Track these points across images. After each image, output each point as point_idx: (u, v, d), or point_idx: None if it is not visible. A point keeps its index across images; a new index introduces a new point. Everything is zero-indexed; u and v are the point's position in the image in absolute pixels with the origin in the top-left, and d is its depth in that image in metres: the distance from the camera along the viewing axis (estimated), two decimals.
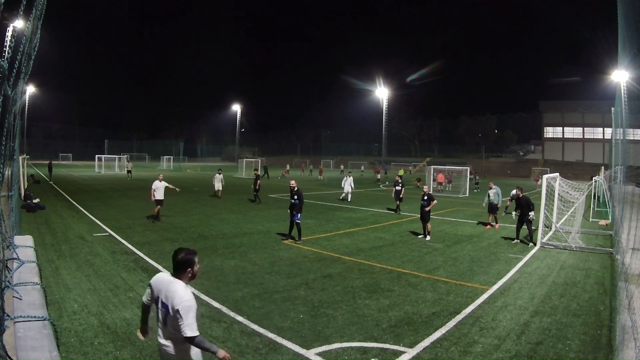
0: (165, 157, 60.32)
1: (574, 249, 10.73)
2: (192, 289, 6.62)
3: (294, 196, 10.94)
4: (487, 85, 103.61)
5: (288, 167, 49.47)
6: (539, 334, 5.48)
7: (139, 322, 3.50)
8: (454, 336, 5.34)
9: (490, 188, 14.71)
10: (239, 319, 5.70)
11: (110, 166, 46.29)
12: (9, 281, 3.19)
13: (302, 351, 4.83)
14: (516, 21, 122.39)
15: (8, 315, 2.68)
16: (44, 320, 2.82)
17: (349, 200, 20.92)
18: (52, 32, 43.54)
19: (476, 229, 14.02)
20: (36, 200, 15.52)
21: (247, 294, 6.76)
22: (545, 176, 11.89)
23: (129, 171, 35.84)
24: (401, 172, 37.33)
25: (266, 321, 5.63)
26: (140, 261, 8.55)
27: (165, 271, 3.20)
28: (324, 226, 13.58)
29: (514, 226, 11.93)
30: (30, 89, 52.65)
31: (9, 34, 14.05)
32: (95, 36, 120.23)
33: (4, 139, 2.71)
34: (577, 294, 7.24)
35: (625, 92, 9.08)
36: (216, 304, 6.20)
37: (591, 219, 16.23)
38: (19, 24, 11.80)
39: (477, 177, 33.19)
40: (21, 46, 3.16)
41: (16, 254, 4.03)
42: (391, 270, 8.45)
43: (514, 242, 11.50)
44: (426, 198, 11.90)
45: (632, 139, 9.76)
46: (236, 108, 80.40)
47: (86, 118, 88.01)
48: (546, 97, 70.22)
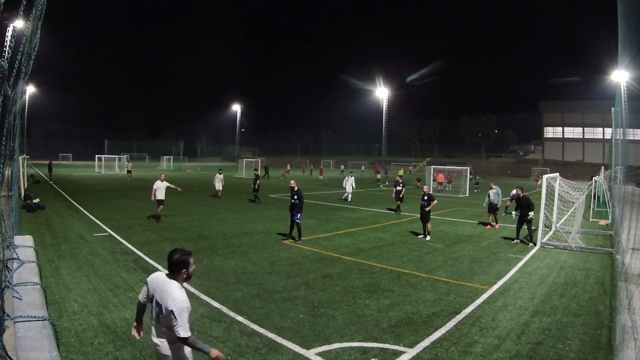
0: (165, 157, 60.33)
1: (574, 249, 10.74)
2: (192, 289, 6.65)
3: (294, 196, 10.95)
4: (487, 85, 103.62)
5: (289, 167, 49.51)
6: (539, 334, 5.48)
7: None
8: (454, 336, 5.34)
9: (491, 188, 14.72)
10: (239, 319, 5.70)
11: (110, 166, 46.28)
12: (9, 281, 3.20)
13: (302, 351, 4.83)
14: (516, 21, 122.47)
15: (8, 315, 2.68)
16: (44, 320, 2.82)
17: (348, 200, 20.95)
18: (52, 32, 43.55)
19: (476, 229, 14.02)
20: (36, 200, 15.52)
21: (247, 294, 6.76)
22: (545, 176, 11.89)
23: (129, 171, 35.86)
24: (401, 172, 37.38)
25: (266, 321, 5.63)
26: (140, 261, 8.55)
27: (165, 270, 3.21)
28: (324, 226, 13.59)
29: (514, 226, 11.94)
30: (30, 89, 52.68)
31: (9, 34, 14.05)
32: (95, 36, 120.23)
33: (4, 139, 2.71)
34: (577, 294, 7.24)
35: (625, 92, 9.08)
36: (216, 304, 6.20)
37: (591, 219, 16.24)
38: (19, 24, 11.82)
39: (477, 177, 33.21)
40: (21, 46, 3.16)
41: (16, 254, 4.04)
42: (391, 270, 8.46)
43: (514, 242, 11.51)
44: (426, 198, 11.91)
45: (632, 139, 9.77)
46: (236, 108, 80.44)
47: (86, 118, 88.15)
48: (546, 97, 70.34)
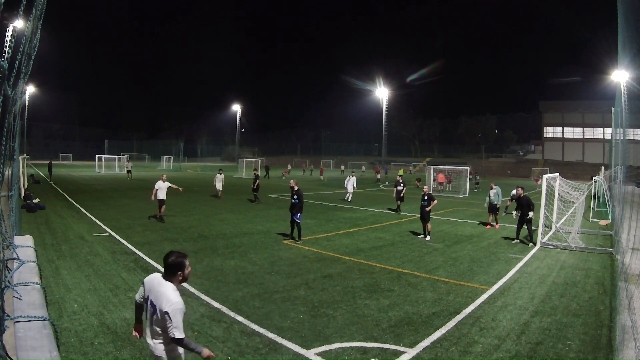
0: (165, 157, 60.33)
1: (574, 249, 10.73)
2: (192, 289, 6.65)
3: (294, 196, 10.95)
4: (487, 85, 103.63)
5: (289, 167, 49.49)
6: (539, 334, 5.48)
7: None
8: (454, 336, 5.34)
9: (492, 188, 14.72)
10: (239, 319, 5.70)
11: (110, 166, 46.28)
12: (9, 281, 3.20)
13: (302, 351, 4.83)
14: (516, 21, 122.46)
15: (8, 315, 2.68)
16: (44, 320, 2.82)
17: (349, 200, 20.96)
18: (52, 32, 43.53)
19: (476, 229, 14.02)
20: (36, 200, 15.52)
21: (247, 294, 6.76)
22: (545, 176, 11.88)
23: (129, 171, 35.86)
24: (401, 172, 37.37)
25: (266, 321, 5.63)
26: (140, 261, 8.55)
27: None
28: (324, 226, 13.59)
29: (514, 226, 11.94)
30: (30, 89, 52.62)
31: (9, 34, 14.05)
32: (95, 36, 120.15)
33: (4, 139, 2.71)
34: (577, 294, 7.24)
35: (625, 92, 9.08)
36: (216, 304, 6.20)
37: (591, 219, 16.23)
38: (19, 24, 11.82)
39: (477, 177, 33.19)
40: (21, 46, 3.16)
41: (16, 254, 4.04)
42: (391, 270, 8.46)
43: (514, 242, 11.51)
44: (426, 198, 11.91)
45: (632, 139, 9.77)
46: (236, 108, 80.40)
47: (86, 118, 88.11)
48: (546, 97, 70.37)
